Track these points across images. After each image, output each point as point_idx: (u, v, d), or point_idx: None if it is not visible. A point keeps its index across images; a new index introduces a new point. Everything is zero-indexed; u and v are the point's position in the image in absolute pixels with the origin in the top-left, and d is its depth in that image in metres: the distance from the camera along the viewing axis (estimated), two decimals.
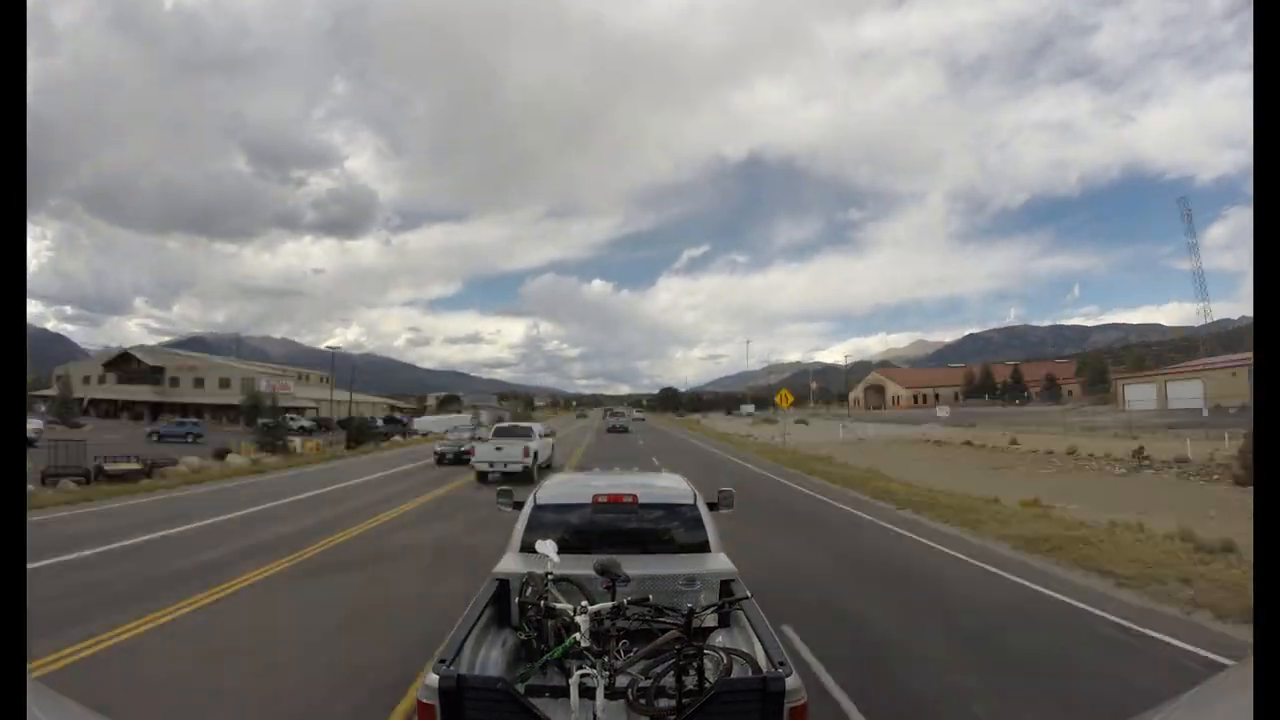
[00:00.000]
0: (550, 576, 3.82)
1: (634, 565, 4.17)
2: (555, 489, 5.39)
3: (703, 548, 4.86)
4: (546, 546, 4.00)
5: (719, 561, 4.67)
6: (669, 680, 3.10)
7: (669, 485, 5.52)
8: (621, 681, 3.19)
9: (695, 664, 3.12)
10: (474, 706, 2.79)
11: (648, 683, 3.13)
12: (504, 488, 6.56)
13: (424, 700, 2.86)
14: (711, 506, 5.53)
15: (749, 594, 3.96)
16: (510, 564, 4.53)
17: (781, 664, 2.99)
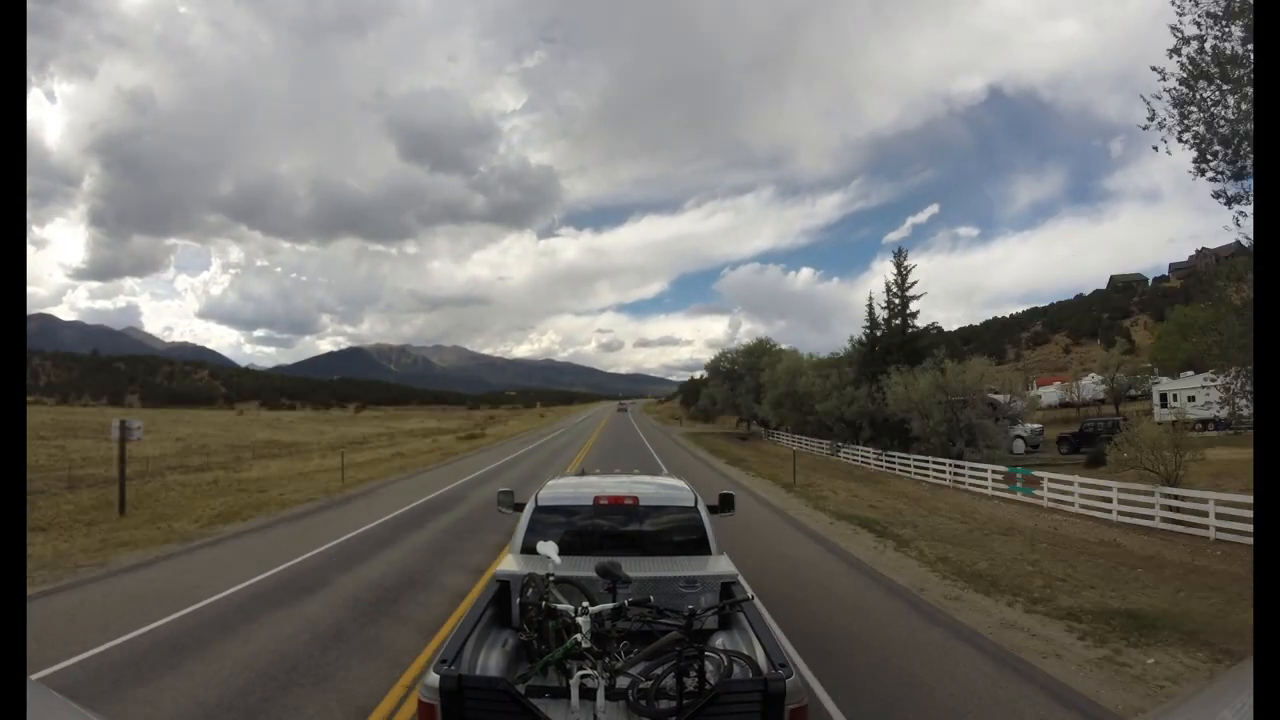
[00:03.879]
0: (551, 578, 3.81)
1: (635, 567, 4.16)
2: (557, 491, 5.37)
3: (703, 550, 4.86)
4: (548, 548, 4.00)
5: (720, 564, 4.66)
6: (669, 681, 3.09)
7: (670, 488, 5.51)
8: (622, 683, 3.19)
9: (696, 665, 3.11)
10: (475, 707, 2.79)
11: (648, 684, 3.13)
12: (504, 489, 6.55)
13: (424, 700, 2.86)
14: (712, 510, 5.52)
15: (750, 595, 3.96)
16: (511, 565, 4.51)
17: (782, 666, 2.98)
